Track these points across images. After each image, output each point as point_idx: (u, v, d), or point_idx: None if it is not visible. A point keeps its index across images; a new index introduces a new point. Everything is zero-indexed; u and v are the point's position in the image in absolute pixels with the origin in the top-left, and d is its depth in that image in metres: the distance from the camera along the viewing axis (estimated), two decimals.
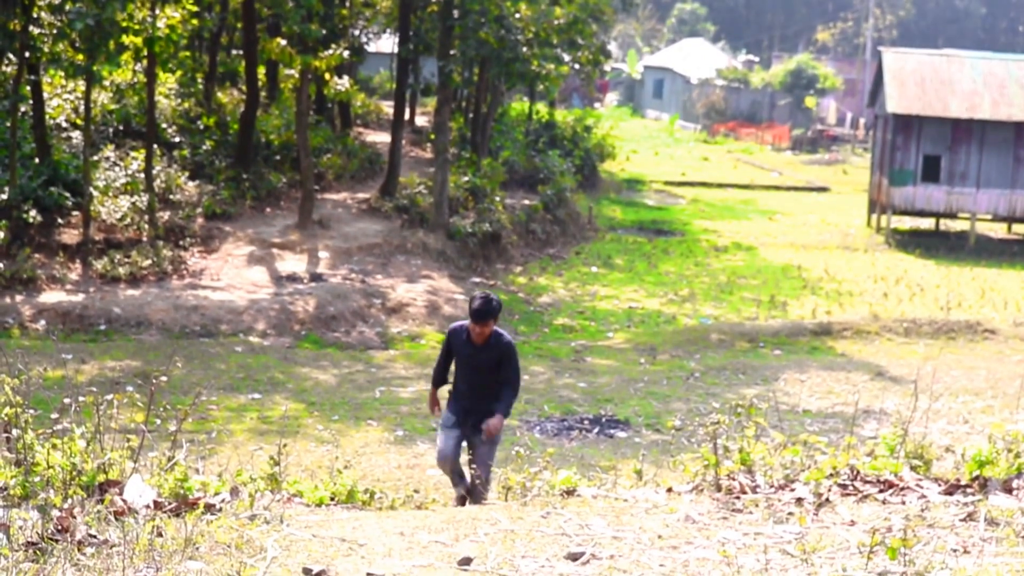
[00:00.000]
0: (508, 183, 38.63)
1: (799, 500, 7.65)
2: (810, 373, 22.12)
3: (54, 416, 7.94)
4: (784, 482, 8.07)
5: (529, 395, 19.16)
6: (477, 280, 29.55)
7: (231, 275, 26.81)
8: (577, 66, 44.71)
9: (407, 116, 43.21)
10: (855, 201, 50.98)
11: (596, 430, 17.84)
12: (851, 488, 7.90)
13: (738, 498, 7.75)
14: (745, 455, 8.31)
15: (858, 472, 8.14)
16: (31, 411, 7.60)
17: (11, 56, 27.90)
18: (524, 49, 33.28)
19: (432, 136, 38.09)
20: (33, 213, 26.67)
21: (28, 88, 28.43)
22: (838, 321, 26.94)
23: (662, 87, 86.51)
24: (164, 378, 9.32)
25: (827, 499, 7.65)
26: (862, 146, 71.30)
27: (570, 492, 8.28)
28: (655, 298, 30.23)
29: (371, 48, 52.82)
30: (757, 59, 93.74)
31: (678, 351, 24.29)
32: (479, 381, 10.64)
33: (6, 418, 7.37)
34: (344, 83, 33.54)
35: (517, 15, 32.66)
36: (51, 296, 24.21)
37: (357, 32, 44.61)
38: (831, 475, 7.99)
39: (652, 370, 22.50)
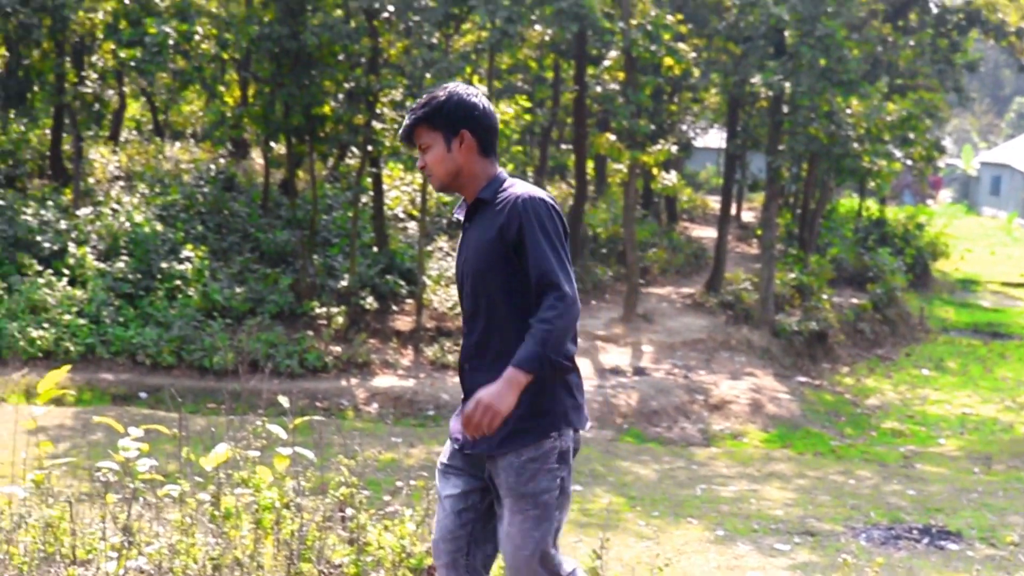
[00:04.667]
0: (836, 281, 37.78)
1: None
2: None
3: (386, 498, 8.12)
4: None
5: (855, 500, 18.50)
6: (802, 379, 28.89)
7: None
8: (909, 162, 43.49)
9: (733, 211, 43.02)
10: None
11: (926, 541, 17.02)
12: None
13: None
14: None
15: None
16: (364, 492, 7.79)
17: (355, 149, 29.33)
18: (855, 145, 32.59)
19: (759, 232, 37.75)
20: (370, 300, 27.80)
21: (369, 180, 29.80)
22: None
23: (1000, 184, 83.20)
24: None
25: None
26: None
27: None
28: (990, 404, 28.80)
29: (698, 143, 52.94)
30: None
31: (1015, 461, 23.01)
32: (472, 312, 4.76)
33: (341, 497, 7.58)
34: (671, 178, 33.72)
35: (848, 111, 32.07)
36: (384, 380, 25.07)
37: (685, 127, 44.85)
38: None
39: (986, 480, 21.36)
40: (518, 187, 4.65)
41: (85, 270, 26.68)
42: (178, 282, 26.66)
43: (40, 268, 26.56)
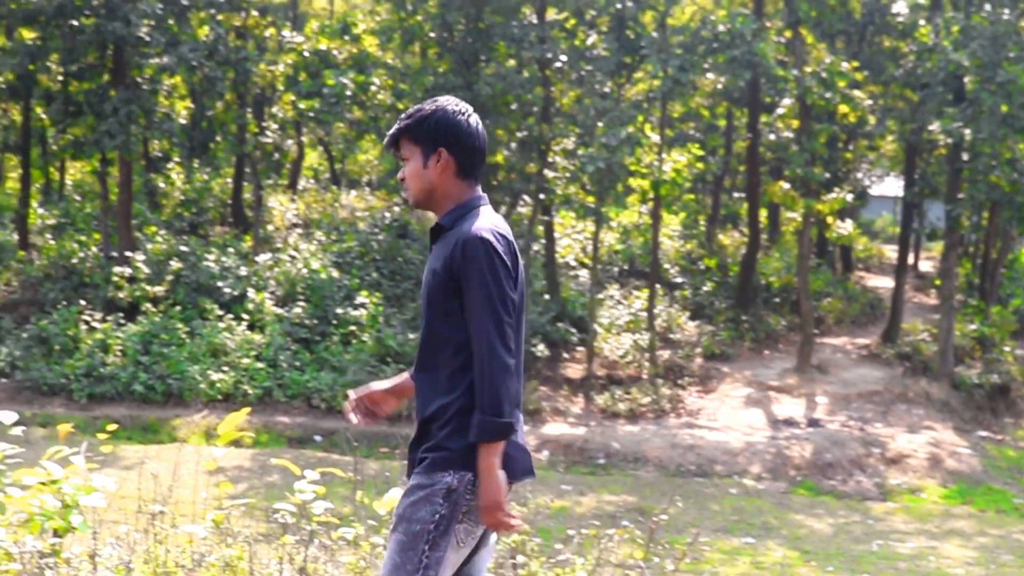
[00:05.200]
0: (1019, 332, 36.60)
1: None
2: None
3: (557, 546, 8.08)
4: None
5: None
6: (984, 434, 28.01)
7: (727, 416, 26.80)
8: None
9: (911, 260, 42.07)
10: None
11: None
12: None
13: None
14: None
15: None
16: (535, 539, 7.77)
17: (527, 198, 29.52)
18: None
19: (937, 281, 36.84)
20: (541, 347, 27.88)
21: (541, 228, 29.96)
22: None
23: None
24: (664, 516, 9.35)
25: None
26: None
27: None
28: None
29: (874, 191, 51.95)
30: None
31: None
32: (422, 330, 4.56)
33: (513, 544, 7.57)
34: (847, 226, 33.16)
35: None
36: (554, 428, 25.07)
37: (860, 175, 44.10)
38: None
39: None
40: (470, 220, 4.39)
41: (263, 315, 27.33)
42: (353, 328, 27.12)
43: (221, 313, 27.30)
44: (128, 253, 29.23)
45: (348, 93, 29.10)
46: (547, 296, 30.67)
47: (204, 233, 34.16)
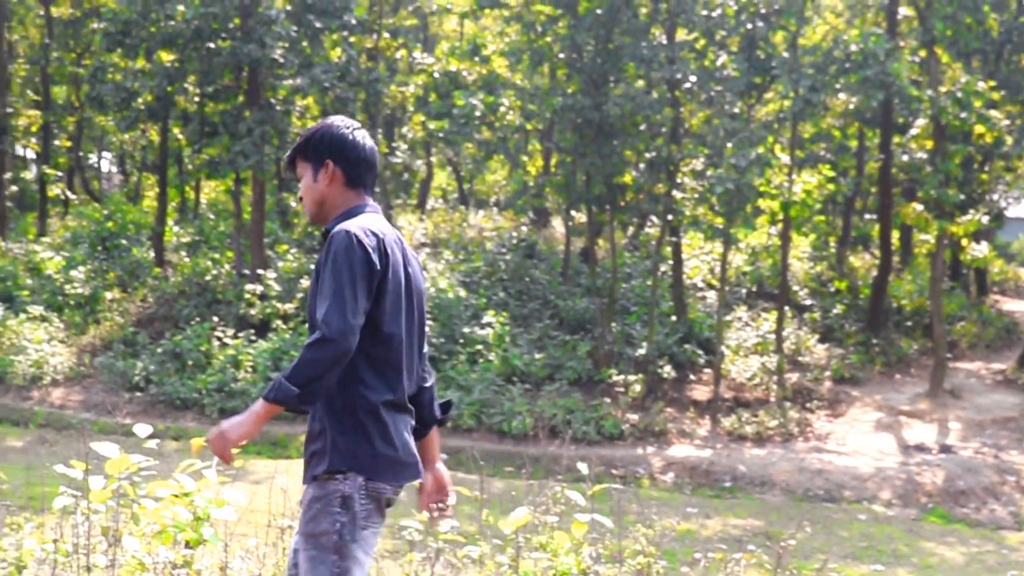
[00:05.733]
0: None
1: None
2: None
3: (683, 569, 8.03)
4: None
5: None
6: None
7: (856, 441, 26.39)
8: None
9: None
10: None
11: None
12: None
13: None
14: None
15: None
16: (661, 562, 7.72)
17: (654, 218, 29.44)
18: None
19: None
20: (667, 369, 27.75)
21: (669, 249, 29.83)
22: None
23: None
24: (792, 541, 9.23)
25: None
26: None
27: None
28: None
29: (1011, 212, 50.80)
30: None
31: None
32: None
33: (639, 567, 7.54)
34: (982, 248, 32.46)
35: None
36: (680, 450, 24.92)
37: (996, 196, 43.19)
38: None
39: None
40: (347, 221, 4.47)
41: None
42: (480, 347, 27.26)
43: None
44: (260, 271, 29.77)
45: (477, 114, 29.34)
46: (674, 317, 30.51)
47: None
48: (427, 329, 4.76)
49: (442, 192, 48.30)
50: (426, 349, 4.78)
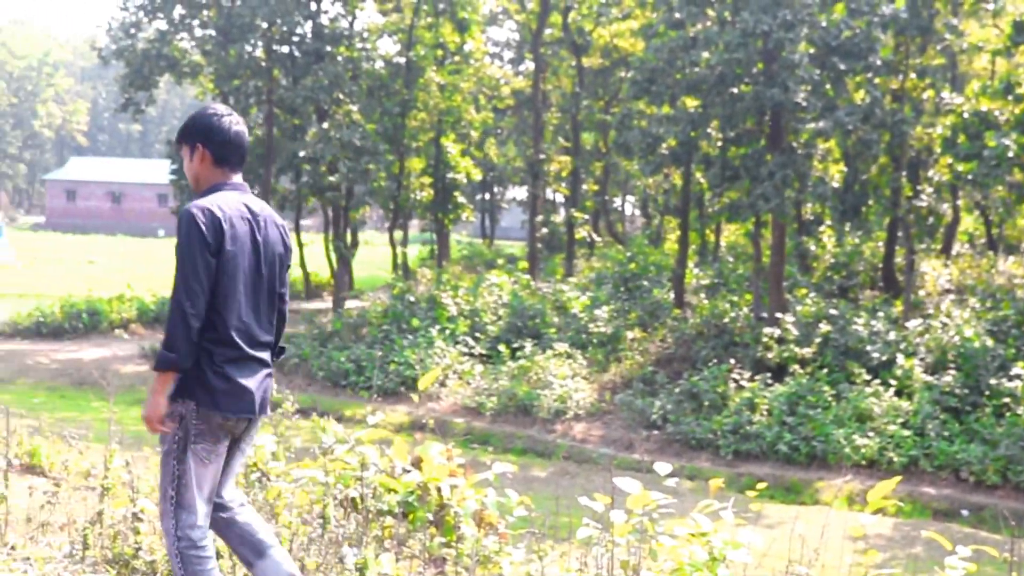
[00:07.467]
0: None
1: None
2: None
3: None
4: None
5: None
6: None
7: None
8: None
9: None
10: None
11: None
12: None
13: None
14: None
15: None
16: None
17: None
18: None
19: None
20: None
21: None
22: None
23: None
24: None
25: None
26: None
27: None
28: None
29: None
30: None
31: None
32: None
33: None
34: None
35: None
36: None
37: None
38: None
39: None
40: (203, 199, 5.23)
41: (912, 382, 26.77)
42: (1007, 399, 25.87)
43: (868, 377, 27.05)
44: (778, 314, 29.74)
45: (1010, 155, 27.99)
46: None
47: (854, 296, 34.06)
48: (286, 289, 5.55)
49: (968, 237, 46.42)
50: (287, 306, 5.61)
